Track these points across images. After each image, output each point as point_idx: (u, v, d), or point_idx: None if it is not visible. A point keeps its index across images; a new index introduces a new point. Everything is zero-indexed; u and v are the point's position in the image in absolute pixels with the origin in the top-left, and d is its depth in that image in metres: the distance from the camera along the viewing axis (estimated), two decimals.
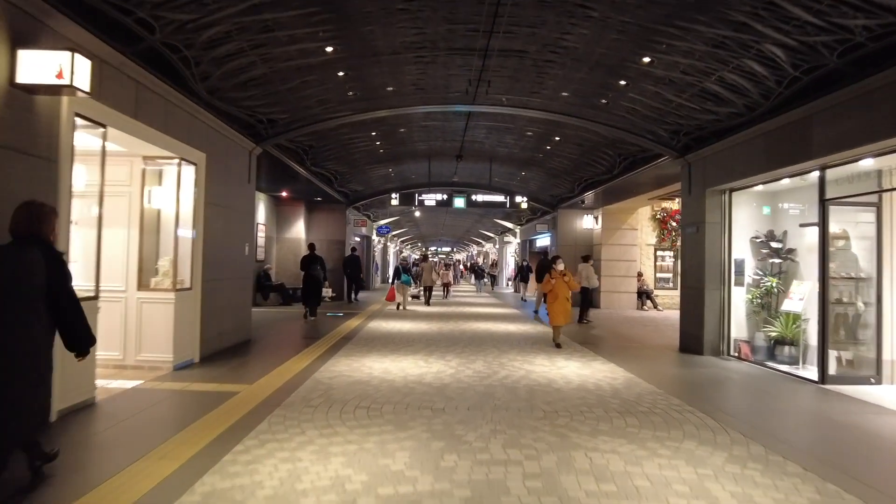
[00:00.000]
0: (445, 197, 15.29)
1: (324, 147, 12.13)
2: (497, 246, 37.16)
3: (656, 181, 12.59)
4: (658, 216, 19.44)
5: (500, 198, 15.35)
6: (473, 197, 15.15)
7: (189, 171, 7.46)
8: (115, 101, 5.52)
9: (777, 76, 6.37)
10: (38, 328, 3.14)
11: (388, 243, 35.15)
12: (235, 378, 6.63)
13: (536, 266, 17.08)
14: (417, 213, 27.50)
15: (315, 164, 13.01)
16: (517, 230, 28.23)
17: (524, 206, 15.22)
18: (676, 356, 9.19)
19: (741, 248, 9.21)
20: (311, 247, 14.07)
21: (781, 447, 4.44)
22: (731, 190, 9.17)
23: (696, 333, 9.38)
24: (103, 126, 5.41)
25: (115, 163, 7.01)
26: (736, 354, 8.97)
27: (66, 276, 3.33)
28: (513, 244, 29.89)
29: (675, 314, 17.56)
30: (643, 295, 18.77)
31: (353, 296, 18.54)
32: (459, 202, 15.18)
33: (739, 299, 9.18)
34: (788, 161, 7.07)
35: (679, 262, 20.27)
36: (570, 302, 9.71)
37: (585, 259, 14.32)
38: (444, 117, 11.26)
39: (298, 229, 18.74)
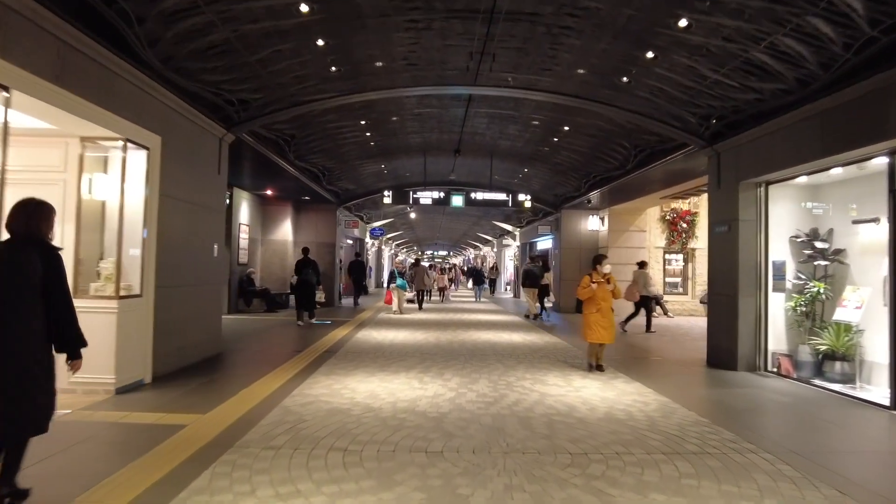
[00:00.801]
0: (442, 195, 14.12)
1: (308, 138, 10.97)
2: (495, 249, 36.01)
3: (673, 176, 11.47)
4: (667, 217, 18.35)
5: (501, 196, 14.20)
6: (473, 195, 13.99)
7: (139, 157, 6.28)
8: (25, 60, 4.35)
9: (847, 37, 5.25)
10: (36, 326, 3.12)
11: (383, 246, 33.97)
12: (188, 405, 5.45)
13: (524, 272, 16.46)
14: (413, 215, 26.34)
15: (299, 157, 11.85)
16: (516, 233, 27.09)
17: (528, 204, 14.08)
18: (706, 373, 8.04)
19: (780, 249, 8.09)
20: (304, 251, 13.47)
21: None
22: (768, 183, 8.05)
23: (727, 346, 8.25)
24: (5, 89, 4.24)
25: (45, 144, 5.86)
26: (775, 370, 7.83)
27: (62, 275, 3.27)
28: (511, 247, 28.74)
29: (687, 321, 16.48)
30: (652, 301, 17.62)
31: (356, 300, 18.87)
32: (458, 200, 14.02)
33: (778, 307, 8.05)
34: (853, 144, 5.94)
35: (689, 265, 19.34)
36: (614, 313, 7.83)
37: (642, 265, 13.45)
38: (441, 103, 10.12)
39: (285, 231, 17.55)
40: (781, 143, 7.23)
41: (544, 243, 24.25)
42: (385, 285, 18.87)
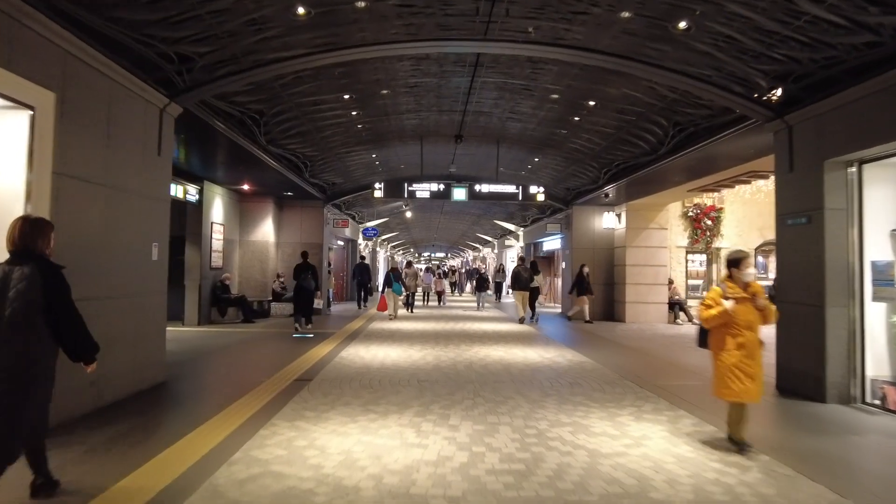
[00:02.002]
0: (442, 187, 12.25)
1: (280, 116, 9.15)
2: (496, 251, 34.20)
3: (719, 161, 9.65)
4: (690, 214, 16.62)
5: (510, 188, 12.33)
6: (477, 187, 12.13)
7: (16, 120, 4.46)
8: None
9: None
10: (33, 343, 3.15)
11: (378, 248, 32.11)
12: (79, 476, 3.62)
13: (513, 274, 15.73)
14: (409, 214, 24.52)
15: (273, 141, 10.02)
16: (520, 233, 25.30)
17: (540, 197, 12.22)
18: (786, 407, 6.25)
19: (880, 246, 6.30)
20: (303, 255, 12.97)
21: None
22: (862, 161, 6.28)
23: (810, 371, 6.46)
24: None
25: None
26: (878, 402, 6.04)
27: (65, 291, 3.29)
28: (514, 248, 26.95)
29: None
30: (675, 306, 15.87)
31: (362, 303, 18.95)
32: (460, 194, 12.15)
33: (878, 320, 6.27)
34: None
35: (713, 266, 17.49)
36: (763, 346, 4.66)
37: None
38: (441, 70, 8.29)
39: (266, 231, 15.70)
40: (887, 109, 5.47)
41: (551, 243, 22.48)
42: (380, 290, 17.63)
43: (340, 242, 22.00)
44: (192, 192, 12.58)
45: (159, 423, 5.09)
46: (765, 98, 6.73)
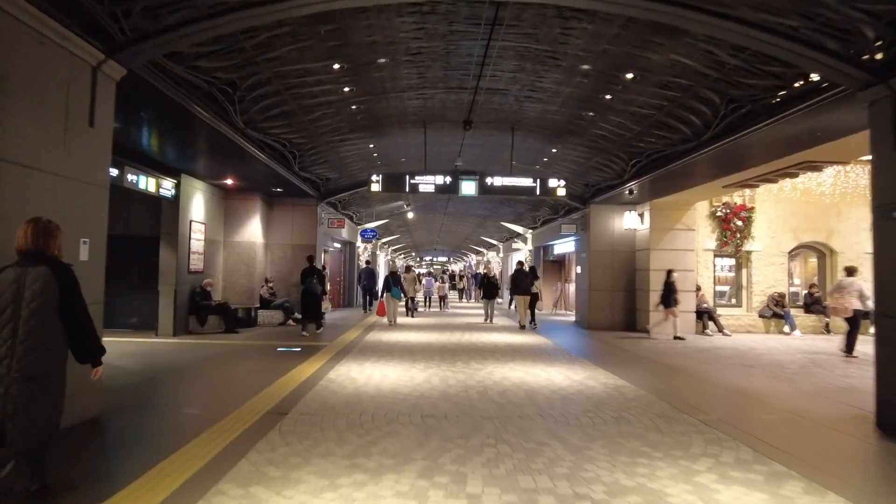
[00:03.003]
0: (449, 180, 10.71)
1: (257, 89, 7.71)
2: (501, 254, 32.73)
3: (782, 145, 8.14)
4: (718, 213, 15.14)
5: (526, 181, 10.77)
6: (489, 180, 10.62)
7: None
8: None
9: None
10: (51, 344, 3.23)
11: (378, 251, 30.65)
12: None
13: (512, 278, 15.63)
14: (410, 215, 23.08)
15: (252, 123, 8.60)
16: (528, 235, 23.84)
17: (561, 192, 10.70)
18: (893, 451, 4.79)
19: None
20: (309, 259, 12.81)
21: None
22: None
23: None
24: None
25: None
26: None
27: (78, 292, 3.36)
28: (522, 252, 25.47)
29: (751, 340, 13.14)
30: (704, 315, 14.39)
31: (368, 308, 18.81)
32: (468, 187, 10.60)
33: None
34: None
35: (744, 271, 15.85)
36: None
37: (851, 272, 10.35)
38: (450, 31, 6.76)
39: (253, 231, 14.24)
40: None
41: (563, 246, 21.03)
42: (380, 294, 16.58)
43: (337, 245, 20.57)
44: (166, 187, 11.15)
45: (56, 492, 3.61)
46: (864, 57, 5.28)
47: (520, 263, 15.46)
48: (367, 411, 5.59)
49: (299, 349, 9.91)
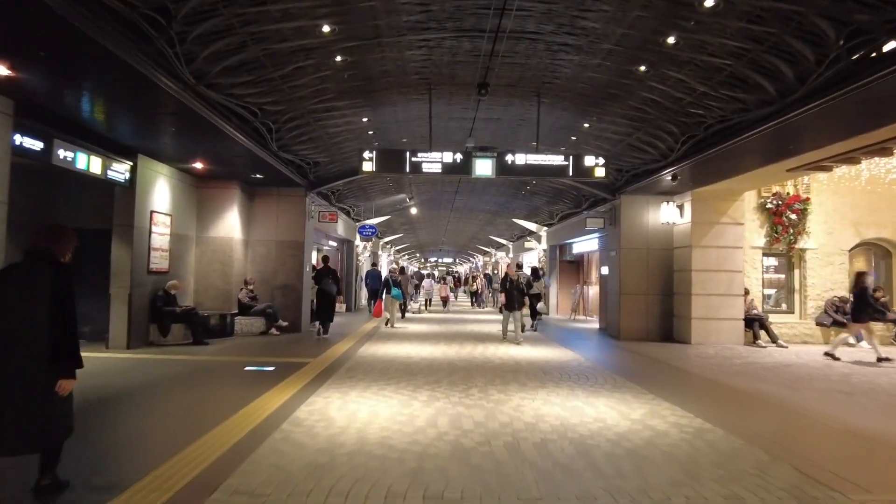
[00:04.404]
0: (459, 157, 8.60)
1: (204, 23, 5.71)
2: (510, 255, 30.67)
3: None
4: (768, 205, 13.08)
5: (556, 159, 8.60)
6: (509, 158, 8.49)
7: None
8: None
9: None
10: (46, 336, 3.18)
11: (380, 251, 28.59)
12: None
13: (502, 280, 14.10)
14: (414, 210, 21.09)
15: (205, 78, 6.60)
16: (542, 233, 21.80)
17: (599, 172, 8.56)
18: None
19: None
20: (324, 259, 12.64)
21: None
22: None
23: None
24: None
25: None
26: None
27: (71, 291, 3.32)
28: (535, 251, 23.41)
29: (816, 354, 10.94)
30: (755, 323, 12.33)
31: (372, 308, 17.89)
32: (484, 167, 8.38)
33: None
34: None
35: (796, 272, 13.54)
36: None
37: None
38: None
39: (231, 225, 12.27)
40: None
41: (582, 245, 18.99)
42: (379, 294, 15.44)
43: (333, 243, 18.58)
44: (118, 169, 9.21)
45: None
46: None
47: (518, 266, 13.68)
48: (340, 489, 3.58)
49: (272, 368, 7.93)
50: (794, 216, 13.02)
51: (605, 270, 14.59)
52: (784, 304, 13.62)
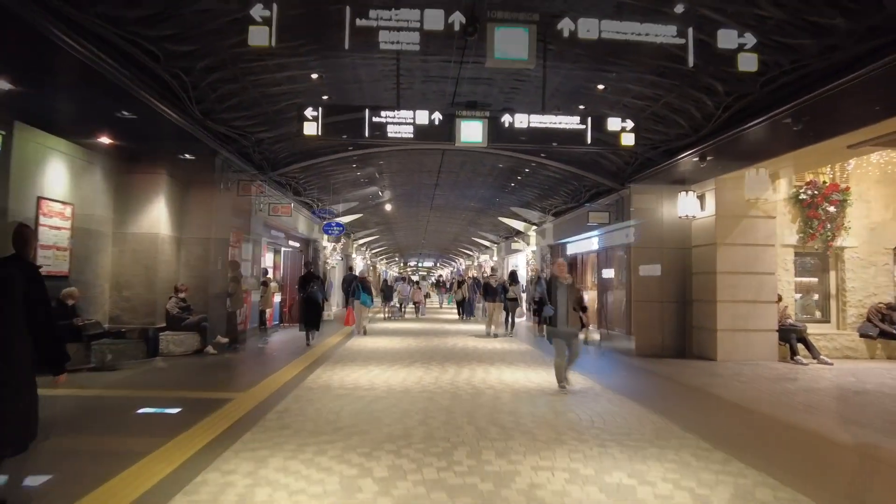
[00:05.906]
0: (439, 119, 6.29)
1: None
2: (495, 257, 28.56)
3: None
4: (802, 196, 11.14)
5: (570, 121, 6.30)
6: (506, 119, 6.21)
7: None
8: None
9: None
10: (18, 343, 3.13)
11: (354, 253, 26.22)
12: None
13: (484, 286, 15.55)
14: (388, 207, 18.83)
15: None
16: (531, 233, 19.72)
17: (627, 140, 6.30)
18: None
19: None
20: (307, 265, 12.98)
21: None
22: None
23: None
24: None
25: None
26: None
27: (44, 291, 3.29)
28: (524, 253, 21.31)
29: (872, 373, 8.87)
30: (792, 336, 10.31)
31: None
32: (472, 130, 6.10)
33: None
34: None
35: (833, 274, 11.39)
36: None
37: None
38: None
39: (156, 219, 9.86)
40: None
41: (578, 245, 16.87)
42: (346, 302, 15.04)
43: (294, 244, 16.22)
44: None
45: None
46: None
47: (493, 270, 14.30)
48: None
49: (177, 410, 5.65)
50: (832, 208, 11.08)
51: (610, 273, 12.52)
52: (818, 311, 11.67)
